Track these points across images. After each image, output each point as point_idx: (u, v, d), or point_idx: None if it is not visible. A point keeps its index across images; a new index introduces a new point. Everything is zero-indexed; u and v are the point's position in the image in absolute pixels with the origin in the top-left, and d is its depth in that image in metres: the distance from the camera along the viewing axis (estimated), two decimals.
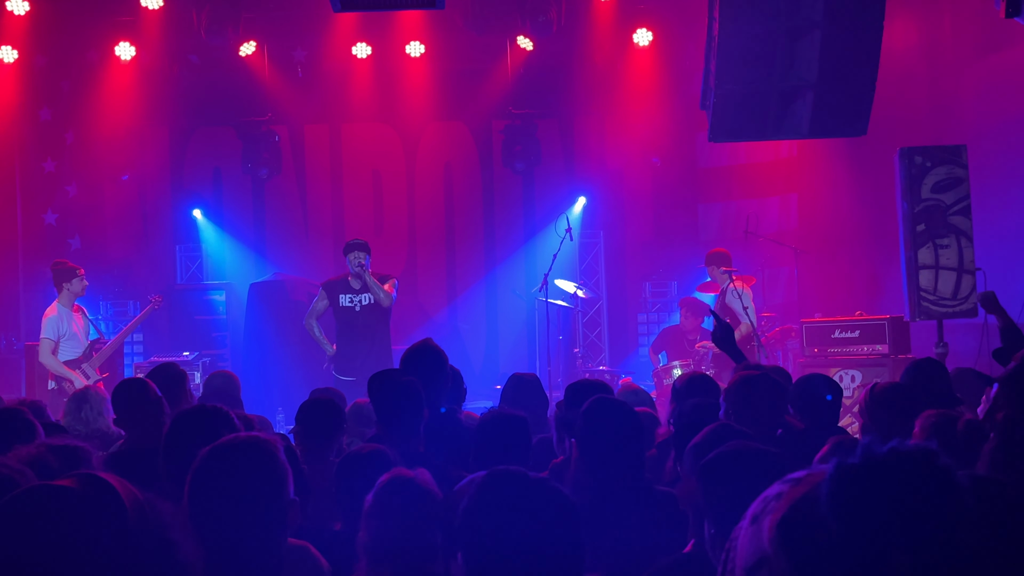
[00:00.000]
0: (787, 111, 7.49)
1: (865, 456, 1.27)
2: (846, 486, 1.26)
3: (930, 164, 8.84)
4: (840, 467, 1.28)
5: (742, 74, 7.28)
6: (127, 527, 1.51)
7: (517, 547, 2.09)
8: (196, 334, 12.44)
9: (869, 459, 1.27)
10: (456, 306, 13.83)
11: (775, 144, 12.51)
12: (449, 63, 13.39)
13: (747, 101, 7.43)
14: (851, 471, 1.27)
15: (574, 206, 13.43)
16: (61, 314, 9.50)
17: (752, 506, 1.43)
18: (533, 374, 6.30)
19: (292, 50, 13.28)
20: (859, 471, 1.26)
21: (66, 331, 9.49)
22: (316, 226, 13.87)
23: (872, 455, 1.27)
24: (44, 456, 3.22)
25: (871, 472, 1.26)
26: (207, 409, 3.55)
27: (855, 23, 7.18)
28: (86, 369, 9.51)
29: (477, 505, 2.17)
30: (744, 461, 2.74)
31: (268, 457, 2.54)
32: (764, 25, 7.13)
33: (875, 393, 4.80)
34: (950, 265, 8.76)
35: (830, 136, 9.33)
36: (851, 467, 1.27)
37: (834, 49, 7.19)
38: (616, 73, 13.22)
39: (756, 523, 1.39)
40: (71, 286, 9.55)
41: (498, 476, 2.22)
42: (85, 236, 13.45)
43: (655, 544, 3.33)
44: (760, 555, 1.35)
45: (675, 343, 11.47)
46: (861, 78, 7.37)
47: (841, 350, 9.83)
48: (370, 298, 9.35)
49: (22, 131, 12.87)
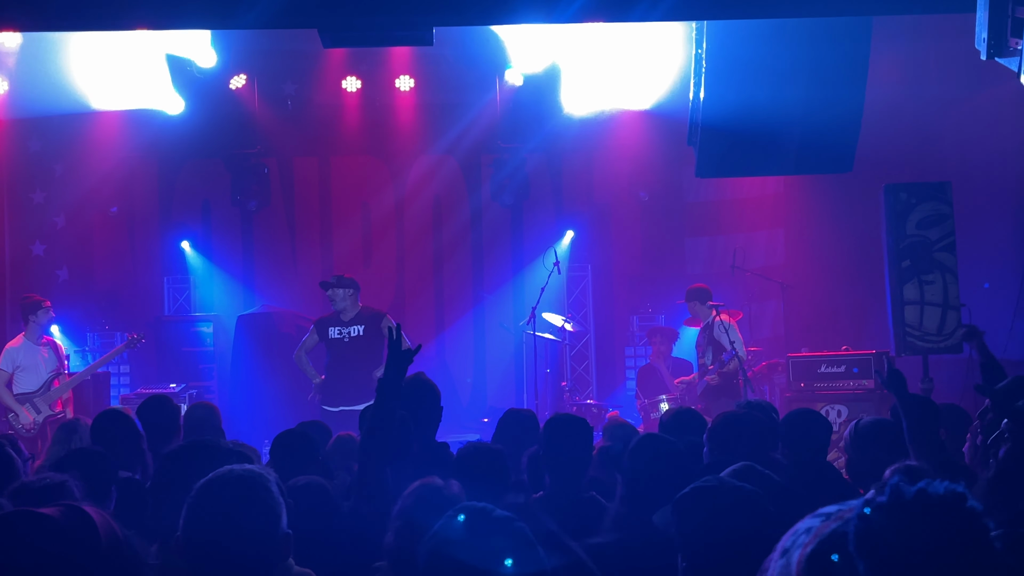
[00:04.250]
0: (774, 148, 7.56)
1: (893, 496, 1.27)
2: (873, 526, 1.26)
3: (915, 200, 8.93)
4: (868, 507, 1.27)
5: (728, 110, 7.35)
6: (99, 559, 1.56)
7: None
8: (183, 366, 12.39)
9: (897, 500, 1.26)
10: (444, 339, 13.84)
11: (762, 180, 12.60)
12: (438, 97, 13.46)
13: (734, 137, 7.49)
14: (878, 511, 1.26)
15: (562, 240, 13.48)
16: (22, 347, 9.55)
17: (783, 539, 1.43)
18: (530, 410, 6.23)
19: (282, 83, 13.34)
20: (886, 511, 1.26)
21: (22, 363, 9.51)
22: (305, 259, 13.87)
23: (900, 496, 1.26)
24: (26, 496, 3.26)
25: (899, 513, 1.25)
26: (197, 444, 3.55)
27: (841, 61, 7.27)
28: (38, 403, 9.48)
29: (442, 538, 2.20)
30: (717, 497, 2.75)
31: (262, 490, 2.55)
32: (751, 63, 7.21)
33: (859, 428, 4.81)
34: (935, 301, 8.82)
35: (816, 172, 9.43)
36: (878, 507, 1.26)
37: (820, 87, 7.28)
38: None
39: (786, 556, 1.39)
40: (36, 318, 9.62)
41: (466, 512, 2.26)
42: (73, 267, 13.43)
43: None
44: None
45: (651, 380, 11.41)
46: (847, 115, 7.46)
47: (827, 385, 9.86)
48: (359, 330, 9.36)
49: (11, 162, 12.88)
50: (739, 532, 2.67)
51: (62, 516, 1.59)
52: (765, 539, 2.64)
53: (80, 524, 1.58)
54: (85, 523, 1.59)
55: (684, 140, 8.19)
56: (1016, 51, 5.89)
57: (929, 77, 11.31)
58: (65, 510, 1.61)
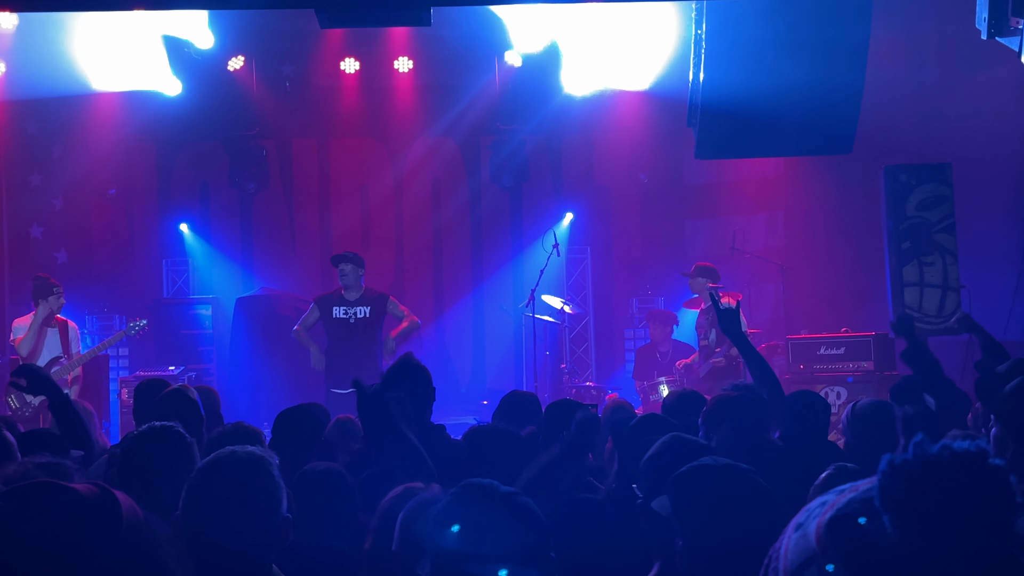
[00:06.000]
0: (773, 129, 7.54)
1: (918, 453, 1.29)
2: (899, 481, 1.28)
3: (915, 182, 8.92)
4: (893, 463, 1.29)
5: (728, 92, 7.32)
6: (120, 539, 1.57)
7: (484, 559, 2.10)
8: (182, 348, 12.38)
9: (922, 457, 1.29)
10: (443, 321, 13.83)
11: (761, 161, 12.56)
12: (437, 78, 13.42)
13: (734, 119, 7.47)
14: (904, 467, 1.29)
15: (561, 222, 13.46)
16: (27, 327, 9.47)
17: (796, 517, 1.45)
18: (532, 393, 6.20)
19: (280, 65, 13.29)
20: (912, 467, 1.28)
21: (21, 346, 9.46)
22: (303, 241, 13.86)
23: (925, 453, 1.29)
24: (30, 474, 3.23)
25: (924, 469, 1.27)
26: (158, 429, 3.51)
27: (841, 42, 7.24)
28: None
29: (446, 516, 2.19)
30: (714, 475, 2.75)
31: (263, 473, 2.55)
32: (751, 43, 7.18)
33: (857, 410, 4.80)
34: (935, 283, 8.82)
35: (816, 154, 9.39)
36: (904, 463, 1.29)
37: (820, 68, 7.24)
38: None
39: (801, 528, 1.40)
40: (47, 303, 9.52)
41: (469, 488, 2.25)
42: (71, 250, 13.41)
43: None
44: (808, 555, 1.36)
45: (650, 360, 11.42)
46: (847, 96, 7.42)
47: (827, 366, 9.87)
48: (365, 311, 9.33)
49: (9, 144, 12.85)
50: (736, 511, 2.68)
51: (88, 492, 1.60)
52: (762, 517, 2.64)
53: (104, 502, 1.59)
54: (109, 502, 1.59)
55: (683, 122, 8.16)
56: (1017, 31, 5.87)
57: (929, 58, 11.28)
58: (92, 487, 1.62)
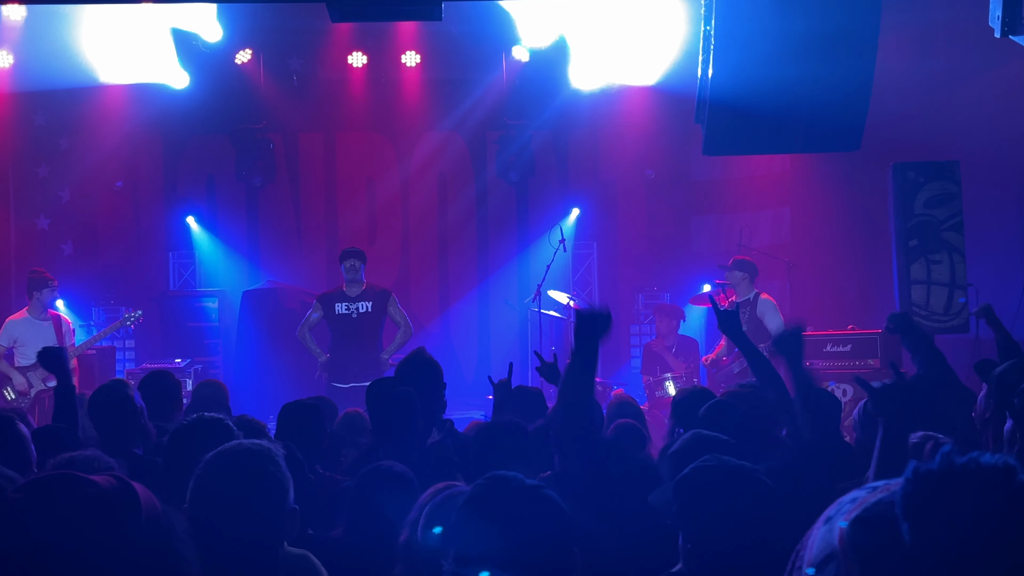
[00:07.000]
0: (781, 125, 7.51)
1: (943, 463, 1.27)
2: (922, 491, 1.26)
3: (923, 180, 8.90)
4: (917, 472, 1.27)
5: (737, 88, 7.30)
6: (138, 531, 1.58)
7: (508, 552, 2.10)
8: (188, 341, 12.40)
9: (947, 467, 1.26)
10: (448, 316, 13.84)
11: (768, 158, 12.55)
12: (445, 73, 13.40)
13: (741, 115, 7.45)
14: (928, 477, 1.26)
15: (568, 217, 13.45)
16: (22, 321, 9.75)
17: (827, 509, 1.44)
18: (538, 388, 6.19)
19: (288, 59, 13.28)
20: (936, 478, 1.26)
21: (22, 337, 9.67)
22: (309, 234, 13.87)
23: (951, 463, 1.26)
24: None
25: (948, 480, 1.25)
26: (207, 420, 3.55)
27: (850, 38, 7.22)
28: (31, 377, 9.55)
29: (470, 509, 2.19)
30: (718, 476, 2.74)
31: (271, 464, 2.56)
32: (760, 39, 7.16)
33: (869, 408, 4.78)
34: (942, 280, 8.80)
35: (824, 151, 9.38)
36: (928, 473, 1.27)
37: (828, 64, 7.22)
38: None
39: (829, 523, 1.40)
40: (40, 295, 9.77)
41: (493, 481, 2.24)
42: (78, 242, 13.44)
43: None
44: (830, 551, 1.36)
45: (656, 356, 11.39)
46: (855, 93, 7.40)
47: (833, 364, 9.84)
48: (367, 307, 9.36)
49: (16, 136, 12.86)
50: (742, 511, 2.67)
51: (107, 484, 1.61)
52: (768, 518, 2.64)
53: (123, 494, 1.61)
54: (128, 494, 1.61)
55: (691, 118, 8.13)
56: None
57: (938, 54, 11.24)
58: (111, 479, 1.64)
